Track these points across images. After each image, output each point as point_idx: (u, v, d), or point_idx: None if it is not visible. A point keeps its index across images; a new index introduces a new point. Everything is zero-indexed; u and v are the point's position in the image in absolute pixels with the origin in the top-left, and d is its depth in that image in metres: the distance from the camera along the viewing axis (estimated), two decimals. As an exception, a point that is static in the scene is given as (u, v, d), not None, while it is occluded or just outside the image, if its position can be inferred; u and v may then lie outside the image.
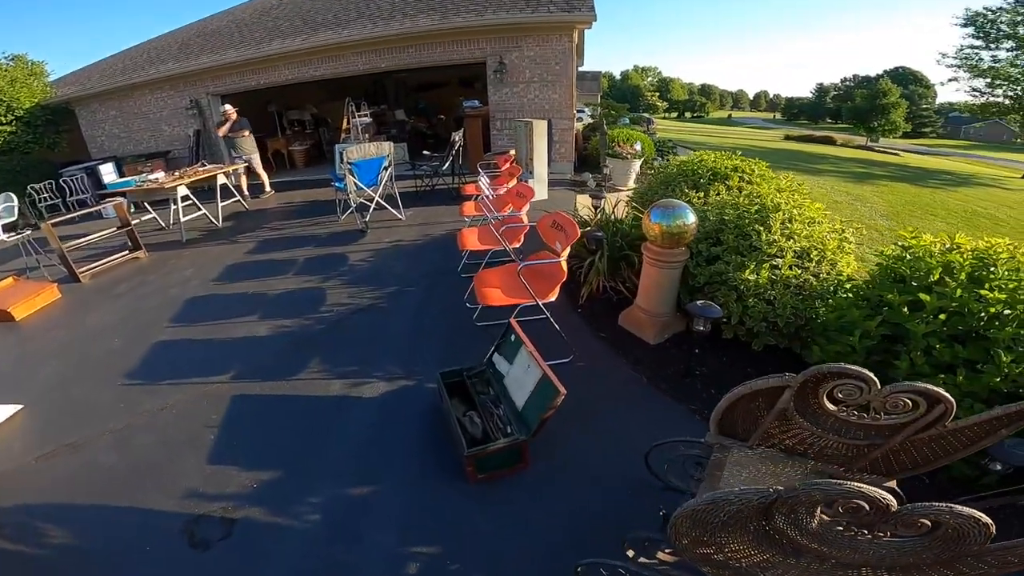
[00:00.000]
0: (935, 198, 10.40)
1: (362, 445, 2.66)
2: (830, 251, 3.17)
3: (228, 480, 2.43)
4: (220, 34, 11.72)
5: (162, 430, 2.82)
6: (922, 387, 1.28)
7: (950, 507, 0.92)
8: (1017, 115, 19.29)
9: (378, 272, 5.05)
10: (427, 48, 9.20)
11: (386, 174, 6.59)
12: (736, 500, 1.07)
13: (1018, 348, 2.09)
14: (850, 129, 46.26)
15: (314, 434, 2.75)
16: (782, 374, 1.46)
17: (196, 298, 4.68)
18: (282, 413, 2.94)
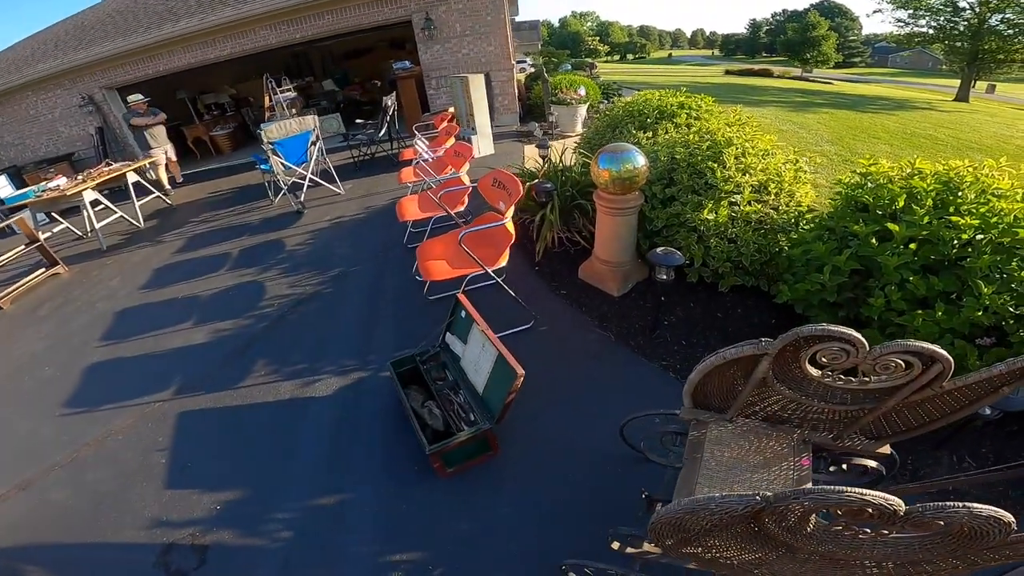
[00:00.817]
0: (875, 122, 10.56)
1: (323, 450, 2.45)
2: (787, 182, 3.03)
3: (190, 504, 2.25)
4: (104, 24, 10.47)
5: (111, 459, 2.60)
6: (916, 346, 1.09)
7: (968, 508, 0.75)
8: (941, 44, 19.79)
9: (319, 255, 4.66)
10: (344, 12, 8.42)
11: (315, 149, 6.04)
12: (718, 510, 0.90)
13: (996, 276, 1.97)
14: (785, 62, 47.00)
15: (270, 444, 2.53)
16: (757, 340, 1.25)
17: (126, 310, 4.23)
18: (232, 426, 2.70)
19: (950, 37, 18.99)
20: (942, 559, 0.90)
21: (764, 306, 2.96)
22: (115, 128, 9.81)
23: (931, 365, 1.14)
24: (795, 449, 1.44)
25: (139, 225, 6.57)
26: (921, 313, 2.02)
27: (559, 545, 1.86)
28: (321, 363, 3.06)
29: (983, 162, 2.52)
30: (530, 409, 2.45)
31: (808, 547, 0.97)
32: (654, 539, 1.09)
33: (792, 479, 1.36)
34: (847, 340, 1.12)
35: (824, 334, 1.13)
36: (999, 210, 2.11)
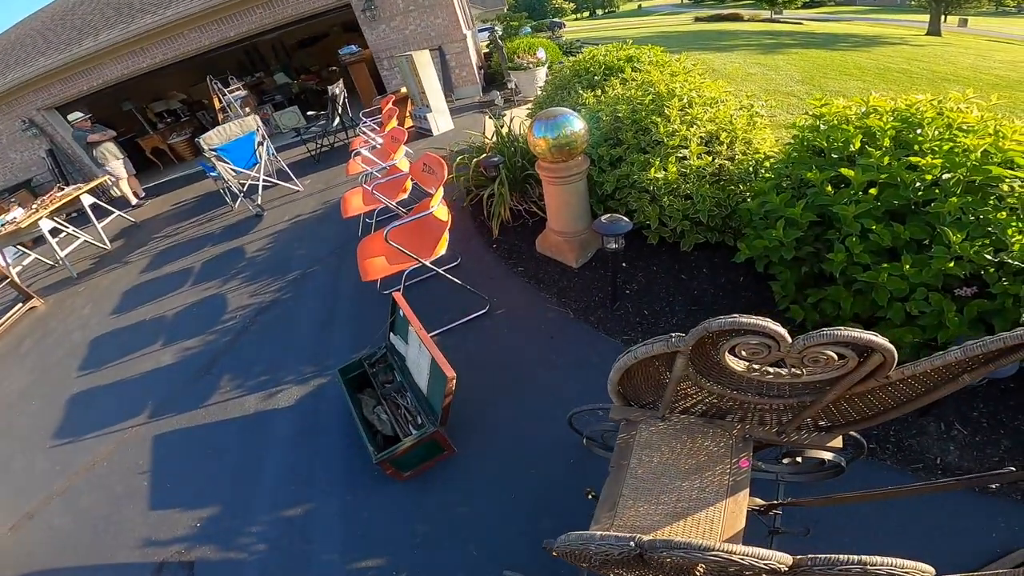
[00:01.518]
0: (846, 59, 10.22)
1: (287, 462, 2.45)
2: (740, 130, 2.82)
3: (173, 523, 2.34)
4: (23, 45, 9.92)
5: (100, 484, 2.69)
6: (844, 336, 0.89)
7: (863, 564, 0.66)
8: None
9: (279, 259, 4.50)
10: (276, 5, 7.99)
11: (263, 149, 5.76)
12: (597, 550, 0.84)
13: (969, 220, 1.78)
14: (754, 5, 45.69)
15: (239, 459, 2.56)
16: (668, 337, 1.08)
17: (98, 338, 4.17)
18: (204, 444, 2.73)
19: None
20: None
21: (731, 264, 2.80)
22: (65, 149, 9.41)
23: (869, 355, 0.96)
24: (733, 449, 1.29)
25: (106, 247, 6.36)
26: (887, 267, 1.83)
27: (515, 547, 1.83)
28: (282, 372, 3.02)
29: (947, 95, 2.33)
30: (486, 401, 2.37)
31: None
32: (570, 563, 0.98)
33: (727, 485, 1.21)
34: (763, 333, 0.94)
35: (737, 327, 0.95)
36: (965, 147, 1.92)
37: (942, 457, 1.81)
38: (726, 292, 2.69)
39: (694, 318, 2.56)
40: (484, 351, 2.69)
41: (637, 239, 3.01)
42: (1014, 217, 1.73)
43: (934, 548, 1.59)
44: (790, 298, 2.27)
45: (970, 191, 1.85)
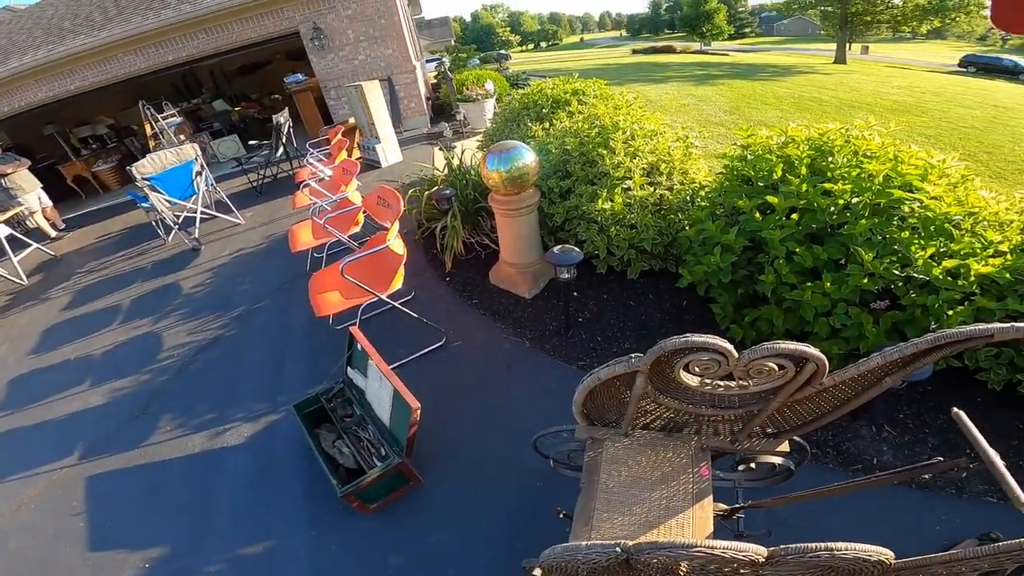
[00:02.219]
0: (767, 89, 11.18)
1: (244, 499, 2.35)
2: (678, 161, 3.02)
3: (118, 565, 2.19)
4: None
5: (29, 529, 2.51)
6: (783, 348, 1.01)
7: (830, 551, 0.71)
8: (815, 9, 21.29)
9: (220, 295, 4.29)
10: (222, 29, 7.79)
11: (201, 179, 5.53)
12: (585, 559, 0.85)
13: (877, 239, 1.98)
14: (685, 37, 49.25)
15: (190, 498, 2.43)
16: (628, 358, 1.16)
17: (17, 379, 3.80)
18: (146, 484, 2.57)
19: (822, 2, 20.46)
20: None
21: (675, 289, 2.95)
22: None
23: (804, 364, 1.08)
24: (693, 459, 1.37)
25: (22, 282, 5.80)
26: (811, 285, 2.02)
27: (491, 572, 1.85)
28: (231, 411, 2.88)
29: (853, 123, 2.61)
30: (448, 431, 2.38)
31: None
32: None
33: (692, 493, 1.28)
34: (714, 349, 1.03)
35: (689, 346, 1.04)
36: (870, 172, 2.16)
37: (877, 457, 1.97)
38: (671, 316, 2.83)
39: (644, 342, 2.68)
40: (443, 383, 2.69)
41: (587, 269, 3.11)
42: (916, 236, 1.96)
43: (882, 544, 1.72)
44: (730, 318, 2.43)
45: (876, 213, 2.07)
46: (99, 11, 8.58)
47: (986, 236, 1.98)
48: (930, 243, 1.91)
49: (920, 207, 2.04)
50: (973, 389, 2.11)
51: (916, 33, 22.38)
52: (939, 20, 19.51)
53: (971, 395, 2.12)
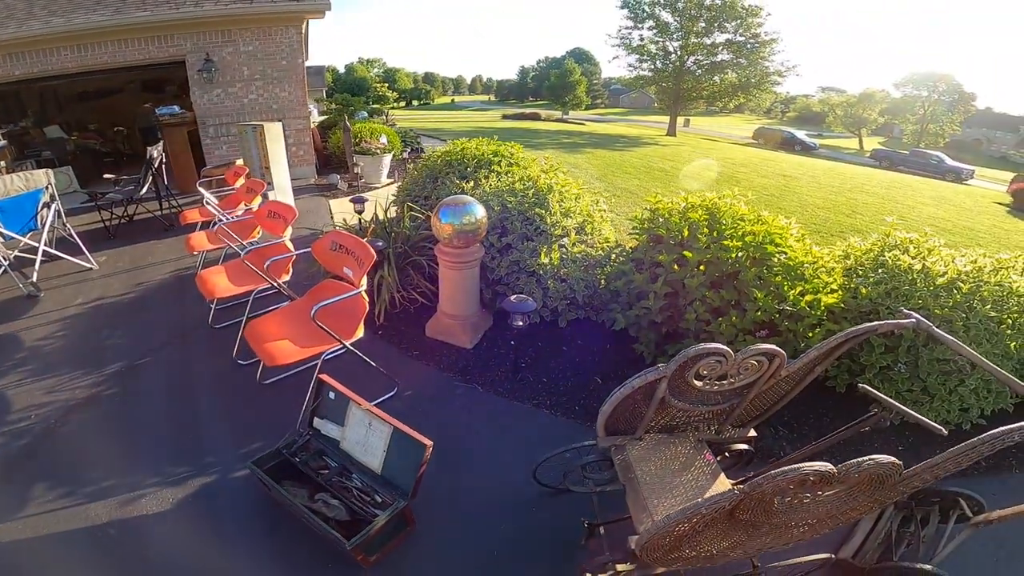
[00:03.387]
0: (624, 159, 13.09)
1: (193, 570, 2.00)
2: (597, 221, 3.52)
3: None
4: None
5: None
6: (764, 347, 1.44)
7: (874, 459, 1.00)
8: (656, 85, 25.79)
9: (82, 349, 3.61)
10: (95, 48, 6.91)
11: (49, 212, 4.69)
12: (708, 510, 1.09)
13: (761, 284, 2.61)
14: (548, 105, 55.09)
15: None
16: (656, 367, 1.49)
17: None
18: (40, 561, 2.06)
19: (662, 79, 24.91)
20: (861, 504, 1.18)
21: (598, 333, 3.35)
22: None
23: (773, 359, 1.49)
24: (697, 448, 1.73)
25: None
26: (722, 320, 2.56)
27: None
28: (138, 475, 2.44)
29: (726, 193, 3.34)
30: (429, 473, 2.33)
31: (771, 521, 1.17)
32: (644, 555, 1.23)
33: (708, 473, 1.64)
34: (719, 353, 1.41)
35: (704, 351, 1.40)
36: (750, 232, 2.82)
37: (781, 449, 2.52)
38: (601, 356, 3.21)
39: (584, 379, 2.99)
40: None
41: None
42: (785, 280, 2.62)
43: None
44: (653, 354, 2.89)
45: (757, 264, 2.72)
46: None
47: (823, 278, 2.73)
48: (797, 284, 2.60)
49: (785, 258, 2.73)
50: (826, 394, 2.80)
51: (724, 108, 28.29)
52: (744, 96, 24.94)
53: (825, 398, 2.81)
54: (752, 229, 2.81)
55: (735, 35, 23.13)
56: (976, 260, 2.89)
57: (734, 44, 23.21)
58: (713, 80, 24.23)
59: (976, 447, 1.15)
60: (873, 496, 1.17)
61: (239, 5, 7.15)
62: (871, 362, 2.59)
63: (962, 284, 2.63)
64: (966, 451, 1.15)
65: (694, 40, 23.48)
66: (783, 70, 23.33)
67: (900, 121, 36.14)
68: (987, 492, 1.79)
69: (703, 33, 23.40)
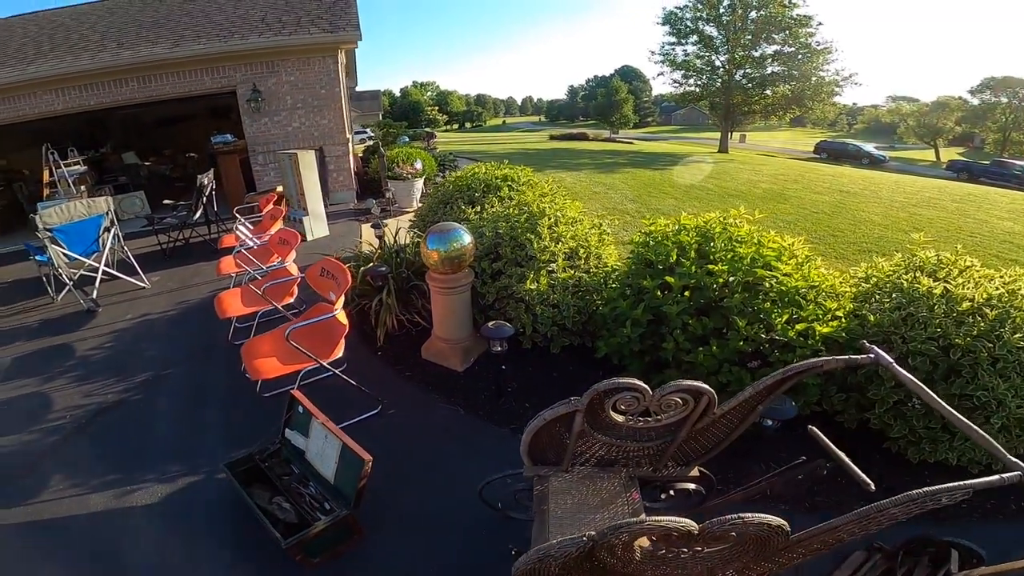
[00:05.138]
0: (664, 178, 12.81)
1: (161, 562, 2.22)
2: (594, 246, 3.49)
3: None
4: None
5: None
6: (685, 384, 1.38)
7: (742, 518, 0.96)
8: (705, 101, 25.13)
9: (122, 359, 4.02)
10: (157, 79, 7.69)
11: (109, 236, 5.22)
12: (559, 555, 1.05)
13: (748, 310, 2.48)
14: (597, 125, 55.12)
15: (92, 559, 2.26)
16: (568, 400, 1.47)
17: None
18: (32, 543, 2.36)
19: (711, 94, 24.22)
20: (753, 563, 1.11)
21: (591, 361, 3.29)
22: None
23: (700, 398, 1.42)
24: (625, 486, 1.66)
25: None
26: (702, 349, 2.46)
27: None
28: (139, 472, 2.73)
29: (730, 212, 3.21)
30: (389, 489, 2.46)
31: (644, 571, 1.12)
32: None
33: (627, 512, 1.57)
34: (634, 389, 1.37)
35: (616, 386, 1.37)
36: (740, 255, 2.69)
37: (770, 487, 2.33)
38: (590, 383, 3.12)
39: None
40: (382, 445, 2.71)
41: (514, 344, 3.34)
42: (776, 306, 2.47)
43: None
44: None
45: (747, 289, 2.58)
46: (32, 45, 8.15)
47: (825, 304, 2.55)
48: (785, 311, 2.44)
49: (776, 283, 2.58)
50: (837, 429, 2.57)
51: (780, 122, 27.05)
52: (799, 109, 23.74)
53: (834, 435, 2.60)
54: (743, 252, 2.69)
55: (784, 46, 22.18)
56: (1015, 281, 2.55)
57: (784, 56, 22.25)
58: (765, 93, 23.28)
59: (887, 509, 1.05)
60: (760, 560, 1.09)
61: (280, 37, 7.75)
62: (881, 397, 2.38)
63: (988, 310, 2.36)
64: (874, 514, 1.05)
65: (741, 53, 22.72)
66: (839, 80, 21.98)
67: (981, 130, 33.23)
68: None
69: (750, 46, 22.58)
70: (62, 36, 8.49)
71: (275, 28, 7.98)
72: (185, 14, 8.91)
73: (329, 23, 8.05)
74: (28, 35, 8.83)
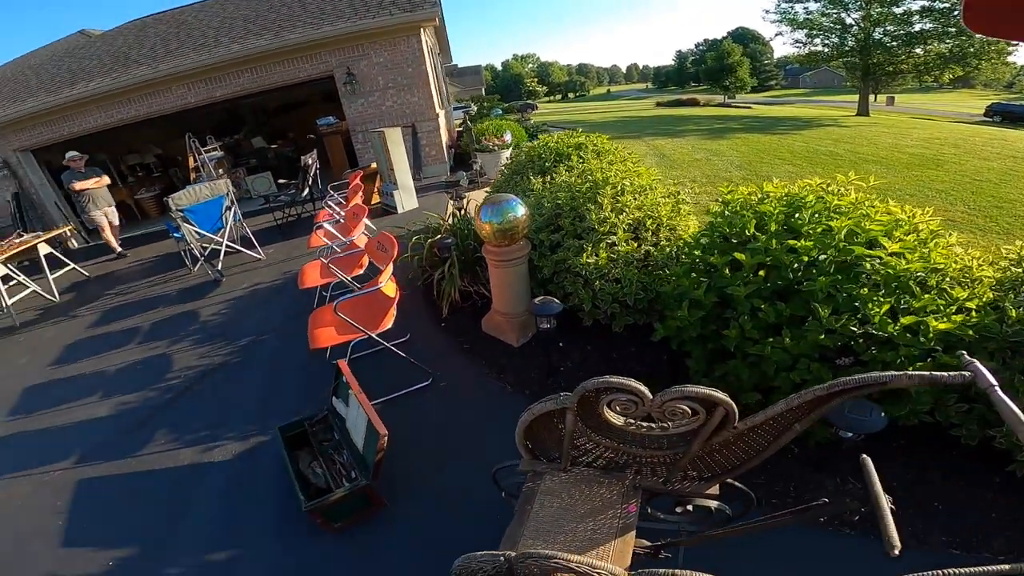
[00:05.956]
0: (782, 143, 11.34)
1: (216, 511, 2.51)
2: (665, 217, 3.15)
3: (84, 561, 2.35)
4: (15, 81, 10.07)
5: (8, 521, 2.71)
6: (692, 391, 1.12)
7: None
8: (838, 61, 21.68)
9: (232, 325, 4.57)
10: (265, 69, 8.47)
11: (230, 214, 5.92)
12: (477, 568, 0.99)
13: (840, 296, 2.02)
14: (710, 90, 50.55)
15: (166, 506, 2.60)
16: (556, 396, 1.29)
17: (33, 387, 4.12)
18: (130, 491, 2.76)
19: (842, 54, 20.82)
20: None
21: (656, 343, 3.02)
22: (32, 194, 9.25)
23: (714, 410, 1.17)
24: (624, 496, 1.45)
25: (54, 299, 6.22)
26: (771, 340, 2.07)
27: None
28: (222, 430, 3.07)
29: (834, 178, 2.70)
30: (422, 463, 2.51)
31: None
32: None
33: (617, 527, 1.36)
34: (630, 391, 1.15)
35: (609, 386, 1.16)
36: (830, 228, 2.22)
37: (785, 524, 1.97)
38: (651, 369, 2.89)
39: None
40: (424, 419, 2.81)
41: (574, 321, 3.21)
42: (875, 293, 1.99)
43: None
44: (702, 373, 2.47)
45: (841, 270, 2.12)
46: (162, 44, 9.45)
47: (952, 293, 2.00)
48: (886, 299, 1.95)
49: (880, 264, 2.08)
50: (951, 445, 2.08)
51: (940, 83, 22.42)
52: (960, 68, 19.52)
53: (946, 451, 2.12)
54: (836, 225, 2.21)
55: (933, 1, 18.04)
56: None
57: (934, 11, 18.14)
58: (913, 52, 19.34)
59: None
60: None
61: (364, 21, 8.05)
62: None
63: None
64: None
65: (879, 10, 18.98)
66: (1009, 37, 17.33)
67: None
68: None
69: (890, 1, 18.78)
70: (185, 33, 9.67)
71: (360, 12, 8.34)
72: (283, 5, 9.66)
73: (408, 2, 8.24)
74: (159, 34, 10.18)
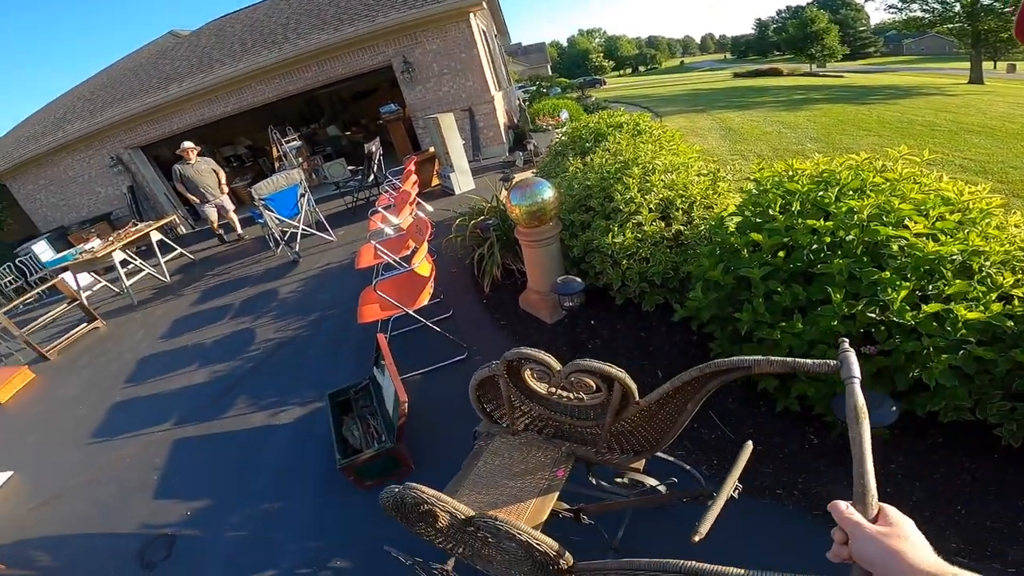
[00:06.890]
0: (871, 114, 10.31)
1: (276, 467, 2.89)
2: (699, 195, 3.12)
3: (169, 511, 2.79)
4: (120, 84, 11.44)
5: (118, 478, 3.21)
6: (588, 365, 1.23)
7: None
8: (943, 27, 19.07)
9: (304, 302, 5.10)
10: (329, 63, 9.04)
11: (304, 201, 6.50)
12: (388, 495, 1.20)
13: (862, 279, 1.92)
14: (794, 59, 46.24)
15: (237, 464, 3.02)
16: (489, 364, 1.47)
17: (146, 358, 4.88)
18: (211, 450, 3.23)
19: (945, 20, 18.29)
20: None
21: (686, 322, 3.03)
22: (144, 187, 10.51)
23: (612, 384, 1.27)
24: (556, 461, 1.59)
25: (166, 280, 7.23)
26: (783, 325, 2.03)
27: None
28: (289, 396, 3.49)
29: (884, 152, 2.52)
30: (450, 429, 2.72)
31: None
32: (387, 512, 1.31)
33: (542, 487, 1.51)
34: (540, 362, 1.31)
35: (525, 356, 1.32)
36: (852, 208, 2.09)
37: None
38: (679, 349, 2.92)
39: (644, 371, 2.81)
40: (457, 391, 3.01)
41: (606, 299, 3.28)
42: (897, 277, 1.86)
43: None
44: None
45: (868, 252, 2.01)
46: (239, 43, 10.38)
47: (995, 279, 1.84)
48: (905, 284, 1.84)
49: (906, 244, 1.96)
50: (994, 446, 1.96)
51: None
52: None
53: (987, 452, 2.00)
54: (862, 204, 2.09)
55: None
56: None
57: None
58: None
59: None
60: None
61: (413, 10, 8.33)
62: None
63: None
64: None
65: None
66: None
67: None
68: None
69: None
70: (257, 32, 10.45)
71: (409, 2, 8.61)
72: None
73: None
74: (235, 33, 11.06)
